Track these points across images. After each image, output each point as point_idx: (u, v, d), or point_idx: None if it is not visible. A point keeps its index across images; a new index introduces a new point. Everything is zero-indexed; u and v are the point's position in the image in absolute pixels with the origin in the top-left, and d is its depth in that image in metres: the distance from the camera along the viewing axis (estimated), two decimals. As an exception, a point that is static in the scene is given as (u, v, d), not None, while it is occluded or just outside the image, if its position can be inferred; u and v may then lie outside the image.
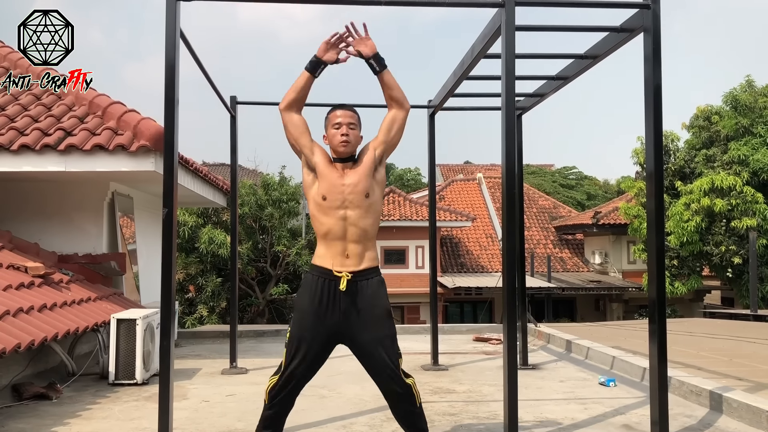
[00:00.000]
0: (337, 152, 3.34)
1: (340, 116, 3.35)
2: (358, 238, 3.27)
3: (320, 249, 3.33)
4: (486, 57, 4.63)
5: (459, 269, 24.05)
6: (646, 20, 3.77)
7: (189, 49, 4.34)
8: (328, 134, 3.38)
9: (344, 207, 3.26)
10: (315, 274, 3.29)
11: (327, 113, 3.44)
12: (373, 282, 3.29)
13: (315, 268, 3.31)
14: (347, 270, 3.23)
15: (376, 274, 3.33)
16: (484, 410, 4.58)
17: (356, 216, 3.26)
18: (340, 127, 3.32)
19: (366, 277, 3.27)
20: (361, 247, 3.28)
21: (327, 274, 3.24)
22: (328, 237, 3.29)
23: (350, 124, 3.34)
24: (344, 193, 3.26)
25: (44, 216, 7.34)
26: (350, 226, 3.26)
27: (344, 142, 3.31)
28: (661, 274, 3.77)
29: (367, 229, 3.30)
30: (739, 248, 17.46)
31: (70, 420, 4.30)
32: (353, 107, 3.46)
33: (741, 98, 18.81)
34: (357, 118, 3.40)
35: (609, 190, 40.80)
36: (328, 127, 3.39)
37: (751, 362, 6.35)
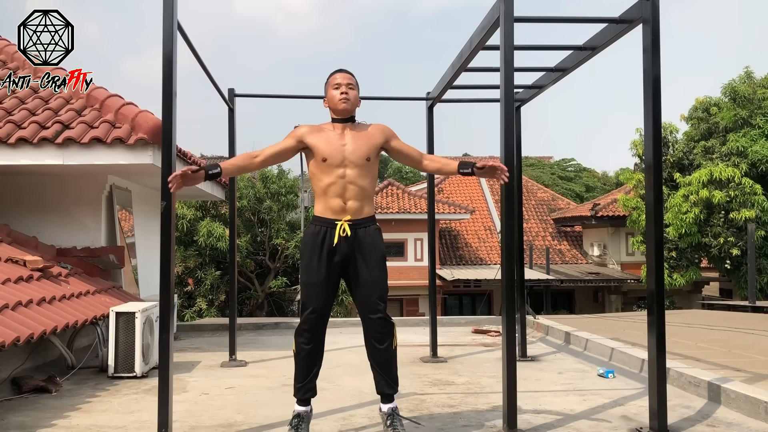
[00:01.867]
0: (337, 110, 3.56)
1: (339, 78, 3.59)
2: (356, 195, 3.51)
3: (319, 205, 3.58)
4: (485, 48, 4.62)
5: (458, 262, 24.08)
6: (645, 11, 3.76)
7: (187, 41, 4.32)
8: (327, 96, 3.62)
9: (344, 165, 3.50)
10: (316, 224, 3.55)
11: (327, 78, 3.67)
12: (370, 229, 3.56)
13: (316, 218, 3.57)
14: (346, 218, 3.50)
15: (373, 222, 3.61)
16: (483, 402, 4.59)
17: (355, 174, 3.50)
18: (339, 87, 3.56)
19: (364, 225, 3.54)
20: (359, 203, 3.54)
21: (328, 223, 3.51)
22: (327, 194, 3.53)
23: (349, 84, 3.57)
24: (344, 153, 3.50)
25: (42, 209, 7.33)
26: (349, 184, 3.50)
27: (344, 100, 3.52)
28: (660, 266, 3.77)
29: (365, 187, 3.55)
30: (738, 240, 17.48)
31: (69, 413, 4.30)
32: (351, 71, 3.68)
33: (740, 90, 18.80)
34: (355, 81, 3.65)
35: (608, 182, 40.87)
36: (328, 89, 3.63)
37: (749, 353, 6.37)
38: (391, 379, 3.60)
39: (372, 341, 3.57)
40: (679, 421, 4.00)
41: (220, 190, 9.62)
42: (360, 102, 3.65)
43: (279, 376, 5.49)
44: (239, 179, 16.35)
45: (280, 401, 4.56)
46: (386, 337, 3.55)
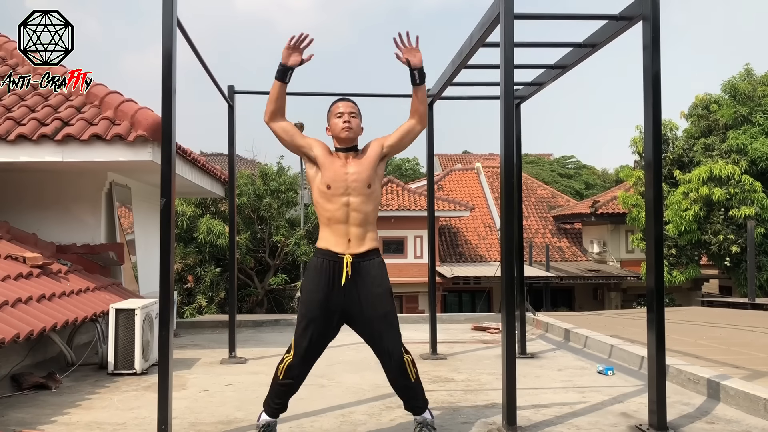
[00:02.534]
0: (340, 139, 3.54)
1: (341, 107, 3.56)
2: (360, 222, 3.47)
3: (324, 234, 3.53)
4: (485, 45, 4.62)
5: (457, 259, 24.08)
6: (645, 8, 3.76)
7: (186, 38, 4.32)
8: (330, 125, 3.59)
9: (347, 194, 3.46)
10: (320, 257, 3.49)
11: (329, 106, 3.64)
12: (374, 263, 3.49)
13: (319, 251, 3.51)
14: (350, 252, 3.43)
15: (377, 255, 3.53)
16: (483, 398, 4.59)
17: (358, 202, 3.47)
18: (342, 116, 3.53)
19: (367, 259, 3.47)
20: (363, 231, 3.48)
21: (331, 257, 3.44)
22: (331, 222, 3.48)
23: (351, 113, 3.55)
24: (347, 181, 3.47)
25: (42, 206, 7.33)
26: (353, 212, 3.47)
27: (346, 129, 3.50)
28: (660, 263, 3.78)
29: (369, 214, 3.51)
30: (737, 237, 17.48)
31: (69, 410, 4.30)
32: (353, 100, 3.65)
33: (740, 87, 18.78)
34: (357, 109, 3.62)
35: (607, 180, 40.86)
36: (330, 118, 3.59)
37: (748, 350, 6.37)
38: (418, 403, 3.56)
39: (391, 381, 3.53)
40: (678, 418, 4.00)
41: (219, 187, 9.62)
42: (362, 131, 3.61)
43: (279, 373, 5.48)
44: (239, 176, 16.35)
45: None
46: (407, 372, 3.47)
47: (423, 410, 3.56)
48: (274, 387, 3.53)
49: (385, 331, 3.41)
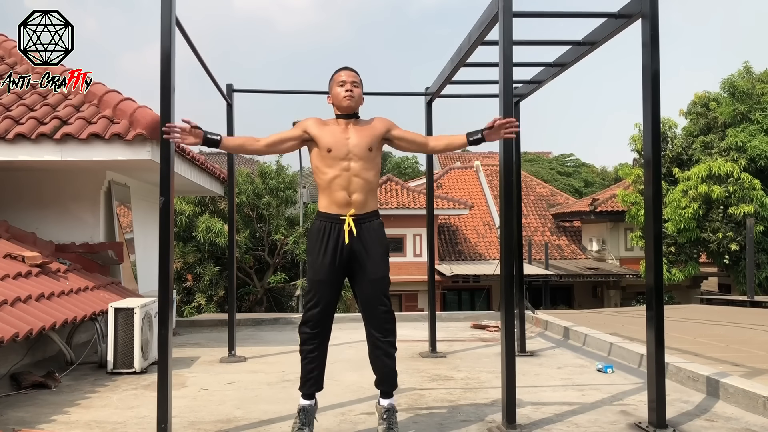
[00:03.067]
0: (342, 106, 3.62)
1: (344, 76, 3.64)
2: (361, 188, 3.55)
3: (324, 200, 3.61)
4: (483, 44, 4.62)
5: (457, 257, 24.08)
6: (644, 6, 3.76)
7: (185, 37, 4.31)
8: (332, 92, 3.67)
9: (348, 158, 3.54)
10: (321, 219, 3.59)
11: (331, 74, 3.71)
12: (374, 224, 3.62)
13: (321, 214, 3.61)
14: (351, 214, 3.53)
15: (377, 217, 3.67)
16: (482, 397, 4.59)
17: (359, 167, 3.54)
18: (344, 84, 3.61)
19: (368, 220, 3.59)
20: (364, 197, 3.57)
21: (333, 219, 3.54)
22: (332, 187, 3.55)
23: (353, 82, 3.62)
24: (348, 146, 3.55)
25: (41, 205, 7.33)
26: (353, 177, 3.54)
27: (348, 97, 3.58)
28: (659, 261, 3.78)
29: (370, 180, 3.59)
30: (737, 235, 17.49)
31: (69, 408, 4.30)
32: (355, 69, 3.72)
33: (739, 85, 18.77)
34: (359, 79, 3.69)
35: (606, 178, 40.84)
36: (332, 86, 3.67)
37: (747, 348, 6.38)
38: (390, 375, 3.62)
39: (375, 335, 3.58)
40: (677, 416, 4.01)
41: (219, 186, 9.61)
42: (363, 100, 3.70)
43: (278, 372, 5.49)
44: (238, 175, 16.33)
45: (279, 396, 4.57)
46: (390, 332, 3.58)
47: (391, 394, 3.62)
48: (302, 360, 3.60)
49: (381, 292, 3.54)
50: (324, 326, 3.58)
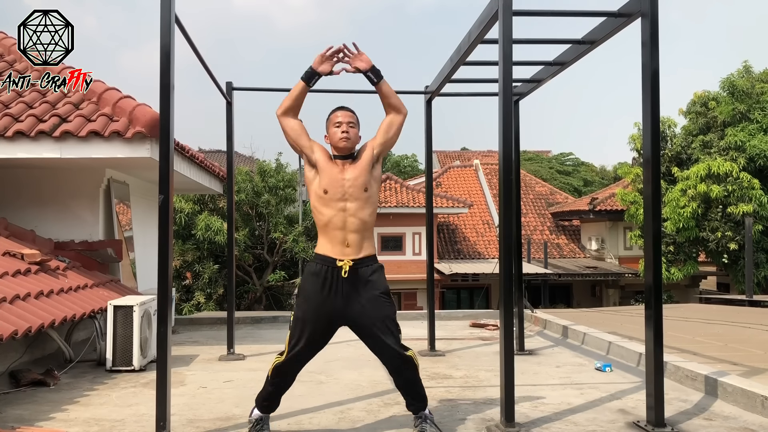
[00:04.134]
0: (338, 148, 3.58)
1: (340, 116, 3.59)
2: (357, 228, 3.51)
3: (322, 240, 3.56)
4: (483, 42, 4.62)
5: (456, 256, 24.08)
6: (644, 5, 3.76)
7: (184, 34, 4.31)
8: (329, 133, 3.62)
9: (344, 199, 3.50)
10: (318, 262, 3.52)
11: (328, 114, 3.67)
12: (372, 268, 3.53)
13: (318, 256, 3.55)
14: (348, 258, 3.46)
15: (375, 261, 3.58)
16: (481, 395, 4.60)
17: (355, 207, 3.51)
18: (340, 126, 3.56)
19: (365, 264, 3.51)
20: (360, 237, 3.51)
21: (329, 262, 3.47)
22: (329, 227, 3.51)
23: (350, 123, 3.60)
24: (344, 187, 3.51)
25: (40, 203, 7.32)
26: (350, 217, 3.50)
27: (344, 138, 3.54)
28: (658, 260, 3.78)
29: (366, 220, 3.54)
30: (735, 234, 17.50)
31: (68, 406, 4.30)
32: (351, 108, 3.67)
33: (738, 84, 18.77)
34: (356, 118, 3.65)
35: (606, 177, 40.84)
36: (329, 126, 3.63)
37: (746, 347, 6.39)
38: (420, 398, 3.60)
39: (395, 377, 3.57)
40: (676, 415, 4.01)
41: (218, 184, 9.61)
42: (360, 139, 3.65)
43: (277, 370, 5.49)
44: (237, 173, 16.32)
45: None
46: (408, 370, 3.51)
47: (424, 409, 3.60)
48: (265, 386, 3.61)
49: (385, 334, 3.45)
50: (299, 365, 3.55)
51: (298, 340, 3.45)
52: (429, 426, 3.55)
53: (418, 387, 3.58)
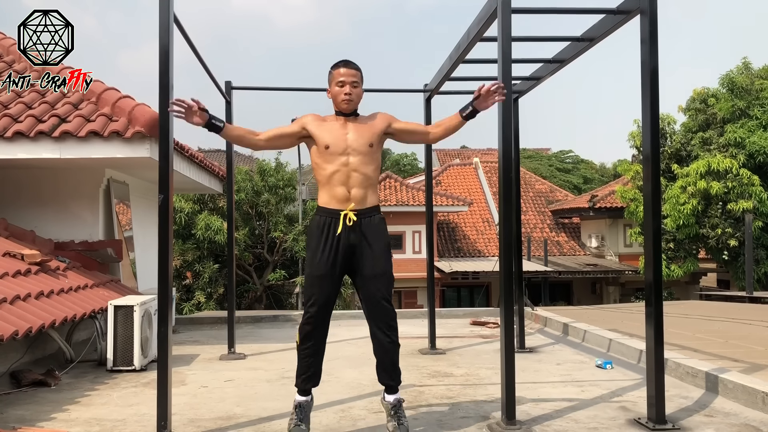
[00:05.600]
0: (341, 108, 3.57)
1: (343, 75, 3.53)
2: (360, 183, 3.50)
3: (323, 195, 3.55)
4: (482, 40, 4.62)
5: (456, 254, 24.09)
6: (643, 2, 3.76)
7: (183, 34, 4.30)
8: (331, 90, 3.59)
9: (347, 153, 3.49)
10: (321, 214, 3.53)
11: (330, 68, 3.61)
12: (374, 219, 3.56)
13: (320, 209, 3.55)
14: (351, 209, 3.47)
15: (378, 212, 3.60)
16: (482, 393, 4.60)
17: (358, 162, 3.49)
18: (343, 86, 3.53)
19: (368, 215, 3.54)
20: (363, 191, 3.52)
21: (332, 214, 3.48)
22: (331, 182, 3.50)
23: (353, 82, 3.55)
24: (347, 141, 3.50)
25: (40, 203, 7.32)
26: (353, 172, 3.49)
27: (347, 100, 3.51)
28: (658, 257, 3.78)
29: (369, 175, 3.54)
30: (735, 231, 17.50)
31: (69, 406, 4.30)
32: (356, 64, 3.60)
33: (737, 81, 18.78)
34: (360, 75, 3.59)
35: (605, 174, 40.86)
36: (331, 83, 3.59)
37: (746, 344, 6.39)
38: (394, 370, 3.60)
39: (378, 332, 3.55)
40: (677, 412, 4.01)
41: (218, 183, 9.61)
42: (362, 95, 3.62)
43: (278, 369, 5.49)
44: (237, 172, 16.31)
45: (279, 394, 4.57)
46: (393, 328, 3.55)
47: (396, 389, 3.61)
48: (299, 357, 3.58)
49: (384, 287, 3.50)
50: (322, 323, 3.55)
51: (311, 294, 3.47)
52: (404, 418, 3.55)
53: (395, 357, 3.57)
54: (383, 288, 3.52)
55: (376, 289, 3.50)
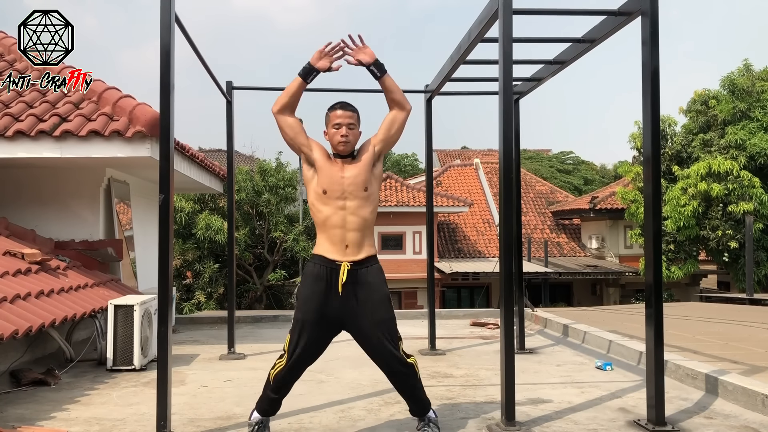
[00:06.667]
0: (337, 150, 3.49)
1: (339, 117, 3.46)
2: (357, 227, 3.41)
3: (320, 239, 3.47)
4: (483, 41, 4.61)
5: (456, 255, 24.08)
6: (644, 3, 3.76)
7: (184, 34, 4.31)
8: (328, 132, 3.52)
9: (343, 198, 3.41)
10: (317, 263, 3.42)
11: (327, 110, 3.55)
12: (372, 270, 3.43)
13: (316, 257, 3.45)
14: (347, 259, 3.36)
15: (375, 262, 3.48)
16: (482, 394, 4.60)
17: (355, 206, 3.41)
18: (340, 128, 3.46)
19: (365, 266, 3.41)
20: (360, 236, 3.42)
21: (328, 263, 3.38)
22: (327, 225, 3.42)
23: (350, 124, 3.47)
24: (344, 185, 3.41)
25: (40, 202, 7.32)
26: (349, 216, 3.41)
27: (343, 143, 3.44)
28: (658, 259, 3.78)
29: (366, 218, 3.45)
30: (736, 232, 17.48)
31: (68, 405, 4.31)
32: (353, 106, 3.54)
33: (738, 82, 18.76)
34: (356, 117, 3.52)
35: (606, 175, 40.86)
36: (328, 125, 3.52)
37: (746, 345, 6.39)
38: (420, 404, 3.55)
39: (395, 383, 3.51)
40: (676, 413, 4.01)
41: (218, 183, 9.61)
42: (360, 136, 3.54)
43: (278, 369, 5.49)
44: (238, 172, 16.32)
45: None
46: (410, 377, 3.46)
47: (427, 411, 3.56)
48: (265, 391, 3.50)
49: (385, 340, 3.36)
50: (299, 372, 3.45)
51: (297, 343, 3.35)
52: (433, 429, 3.50)
53: (420, 392, 3.51)
54: (386, 332, 3.37)
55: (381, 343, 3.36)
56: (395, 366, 3.40)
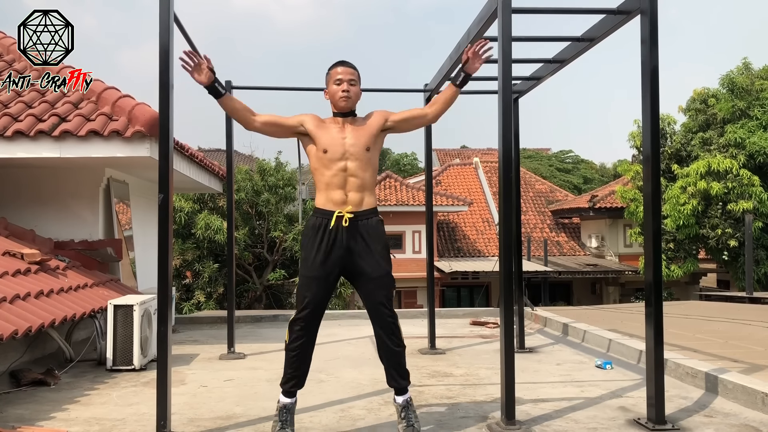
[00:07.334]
0: (338, 107, 3.56)
1: (341, 73, 3.55)
2: (358, 187, 3.50)
3: (321, 197, 3.55)
4: (482, 40, 4.61)
5: (456, 254, 24.09)
6: (643, 2, 3.76)
7: (183, 33, 4.30)
8: (329, 90, 3.60)
9: (345, 158, 3.49)
10: (317, 216, 3.52)
11: (328, 69, 3.64)
12: (372, 221, 3.55)
13: (317, 210, 3.55)
14: (348, 209, 3.46)
15: (375, 214, 3.59)
16: (481, 393, 4.60)
17: (356, 167, 3.49)
18: (341, 83, 3.54)
19: (366, 217, 3.52)
20: (360, 195, 3.52)
21: (328, 215, 3.47)
22: (329, 187, 3.50)
23: (351, 80, 3.56)
24: (345, 146, 3.49)
25: (40, 202, 7.32)
26: (350, 177, 3.49)
27: (345, 98, 3.51)
28: (658, 258, 3.78)
29: (367, 179, 3.54)
30: (735, 231, 17.49)
31: (68, 406, 4.30)
32: (352, 63, 3.62)
33: (738, 81, 18.77)
34: (357, 75, 3.60)
35: (605, 174, 40.88)
36: (329, 83, 3.60)
37: (746, 344, 6.39)
38: (401, 372, 3.58)
39: (382, 334, 3.53)
40: (676, 412, 4.01)
41: (217, 183, 9.61)
42: (360, 95, 3.63)
43: (277, 369, 5.45)
44: (237, 172, 16.30)
45: (279, 393, 4.56)
46: (395, 333, 3.53)
47: (405, 390, 3.58)
48: (287, 357, 3.55)
49: (382, 289, 3.47)
50: (313, 325, 3.51)
51: (304, 296, 3.44)
52: (415, 419, 3.53)
53: (402, 359, 3.55)
54: (383, 291, 3.49)
55: (377, 293, 3.48)
56: (385, 317, 3.47)
